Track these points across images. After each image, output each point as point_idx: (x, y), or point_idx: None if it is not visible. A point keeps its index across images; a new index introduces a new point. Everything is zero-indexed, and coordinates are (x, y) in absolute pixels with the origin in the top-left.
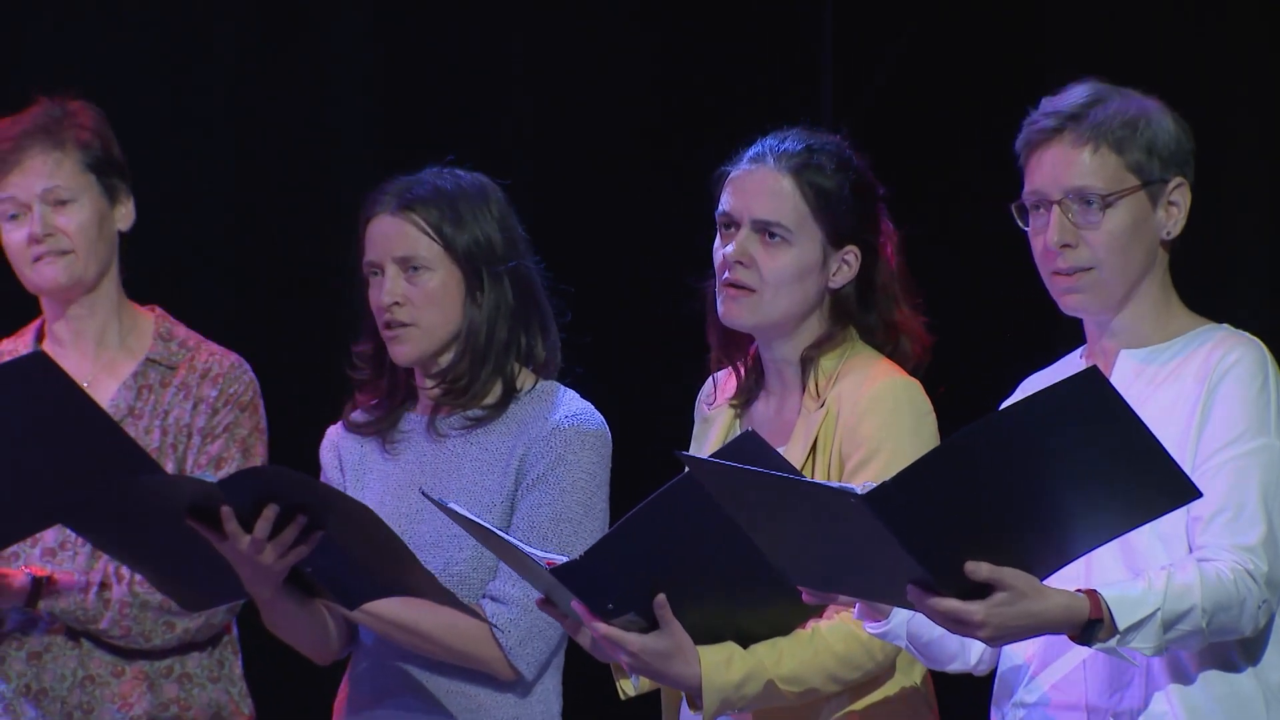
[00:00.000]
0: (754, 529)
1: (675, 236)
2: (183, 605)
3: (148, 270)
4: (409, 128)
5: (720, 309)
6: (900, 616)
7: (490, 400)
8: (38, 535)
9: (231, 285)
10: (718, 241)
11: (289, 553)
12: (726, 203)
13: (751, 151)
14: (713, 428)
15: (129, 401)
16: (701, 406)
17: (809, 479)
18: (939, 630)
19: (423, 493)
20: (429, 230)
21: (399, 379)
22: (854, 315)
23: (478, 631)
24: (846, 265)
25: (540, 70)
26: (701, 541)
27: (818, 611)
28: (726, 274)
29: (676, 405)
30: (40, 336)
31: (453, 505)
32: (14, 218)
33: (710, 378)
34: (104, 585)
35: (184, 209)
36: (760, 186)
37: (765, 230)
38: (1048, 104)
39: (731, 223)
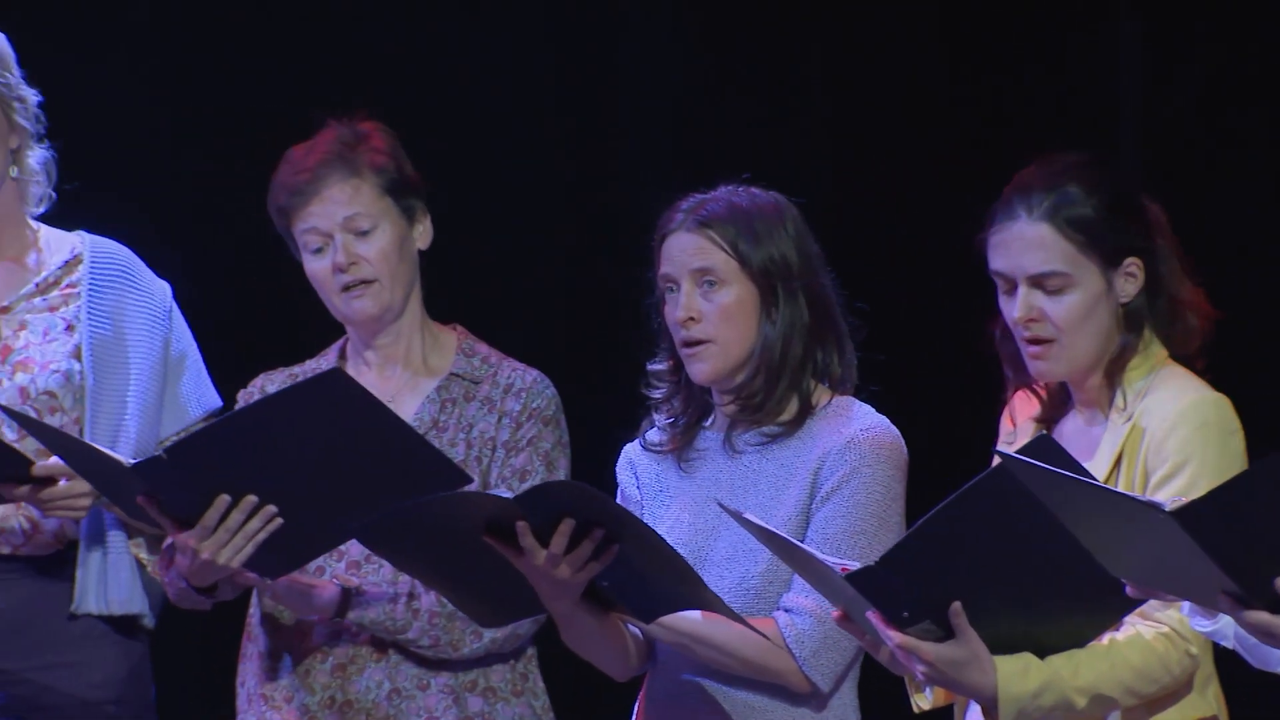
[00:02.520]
0: (1075, 527)
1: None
2: (480, 622)
3: (448, 288)
4: (704, 144)
5: (1029, 368)
6: (1228, 617)
7: (786, 416)
8: (343, 548)
9: (530, 303)
10: (1001, 301)
11: (585, 567)
12: (996, 263)
13: (1002, 209)
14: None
15: (433, 415)
16: (1006, 424)
17: (1117, 489)
18: None
19: (720, 504)
20: (725, 246)
21: (695, 396)
22: (1148, 319)
23: (772, 644)
24: (1131, 278)
25: (836, 86)
26: (998, 549)
27: (1113, 623)
28: (1023, 332)
29: (971, 422)
30: (342, 356)
31: (749, 516)
32: (318, 251)
33: (1006, 407)
34: (411, 595)
35: (482, 227)
36: (1023, 242)
37: (1042, 282)
38: None
39: (1008, 281)
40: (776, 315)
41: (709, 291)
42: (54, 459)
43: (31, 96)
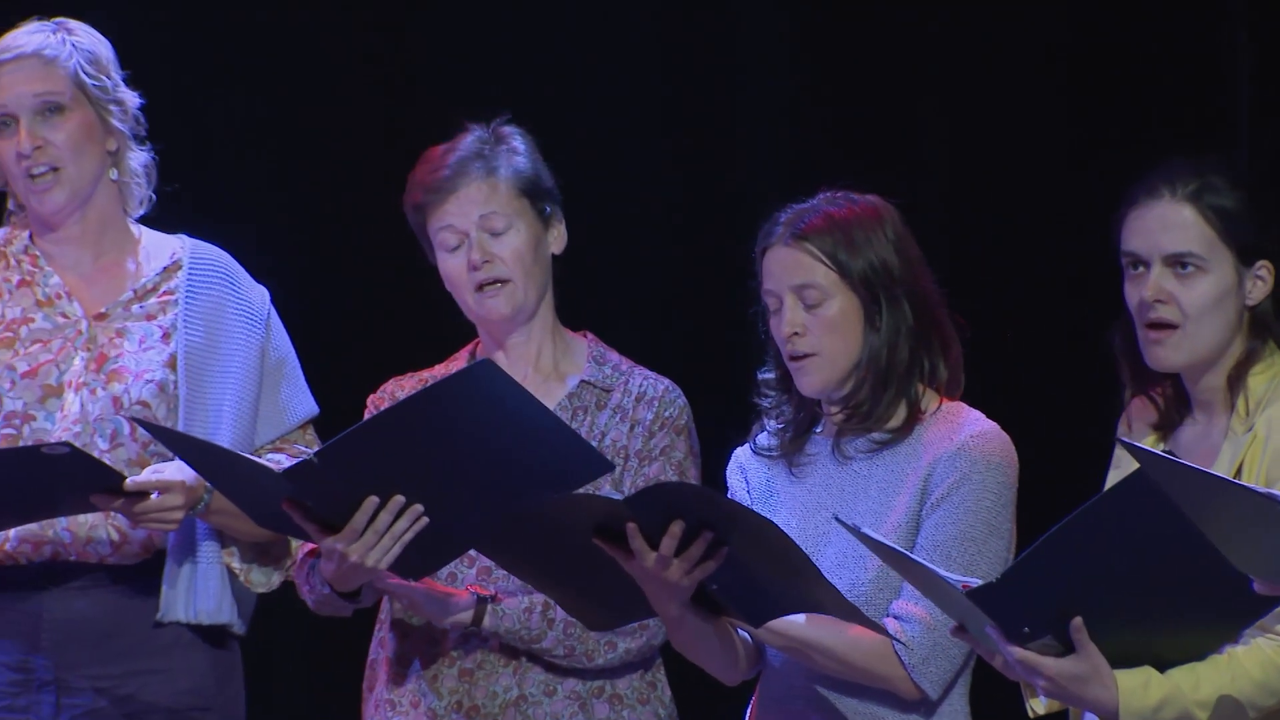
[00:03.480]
0: (1202, 522)
1: (1083, 257)
2: (589, 626)
3: (578, 295)
4: (815, 150)
5: (1147, 355)
6: None
7: (895, 423)
8: (474, 555)
9: (644, 306)
10: (1128, 285)
11: (695, 569)
12: (1131, 243)
13: (1145, 189)
14: (1127, 458)
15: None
16: (1123, 429)
17: (1240, 481)
18: None
19: (836, 518)
20: (824, 259)
21: (804, 404)
22: (1273, 329)
23: (881, 649)
24: (1261, 281)
25: (949, 90)
26: (1123, 562)
27: (1234, 635)
28: (1148, 314)
29: (1083, 428)
30: (473, 359)
31: (867, 531)
32: (454, 249)
33: (1123, 414)
34: (546, 605)
35: (610, 234)
36: (1163, 221)
37: (1177, 263)
38: None
39: (1139, 262)
40: (880, 322)
41: (811, 305)
42: (146, 473)
43: (131, 99)
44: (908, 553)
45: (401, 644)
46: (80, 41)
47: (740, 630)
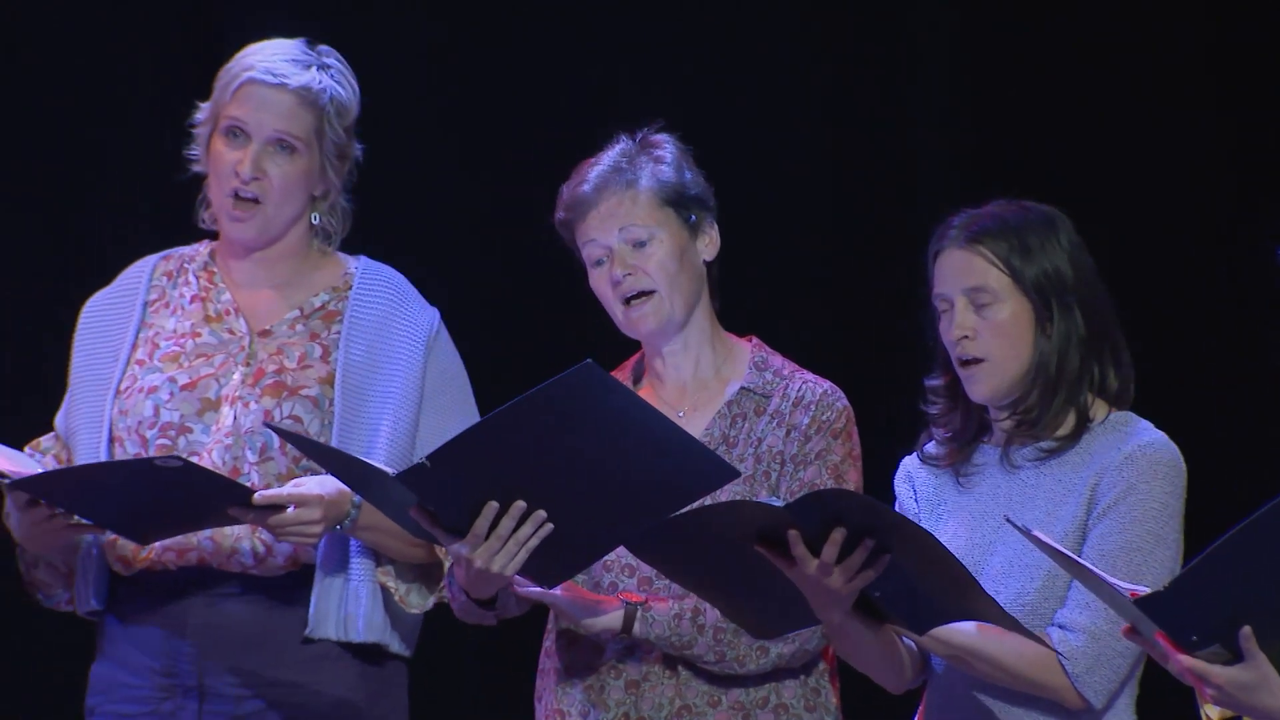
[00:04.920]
0: None
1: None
2: (753, 633)
3: (746, 299)
4: (989, 156)
5: None
6: None
7: (1063, 431)
8: (634, 564)
9: (826, 315)
10: None
11: (856, 577)
12: None
13: None
14: None
15: (723, 430)
16: None
17: None
18: None
19: (1008, 520)
20: (998, 262)
21: (972, 412)
22: None
23: (1045, 659)
24: None
25: (1120, 96)
26: None
27: None
28: None
29: (1252, 438)
30: (639, 370)
31: (1038, 534)
32: (599, 263)
33: None
34: (696, 611)
35: (778, 238)
36: None
37: None
38: None
39: None
40: (1052, 330)
41: (983, 309)
42: (285, 487)
43: (355, 152)
44: (1077, 557)
45: (568, 655)
46: (337, 89)
47: (905, 638)
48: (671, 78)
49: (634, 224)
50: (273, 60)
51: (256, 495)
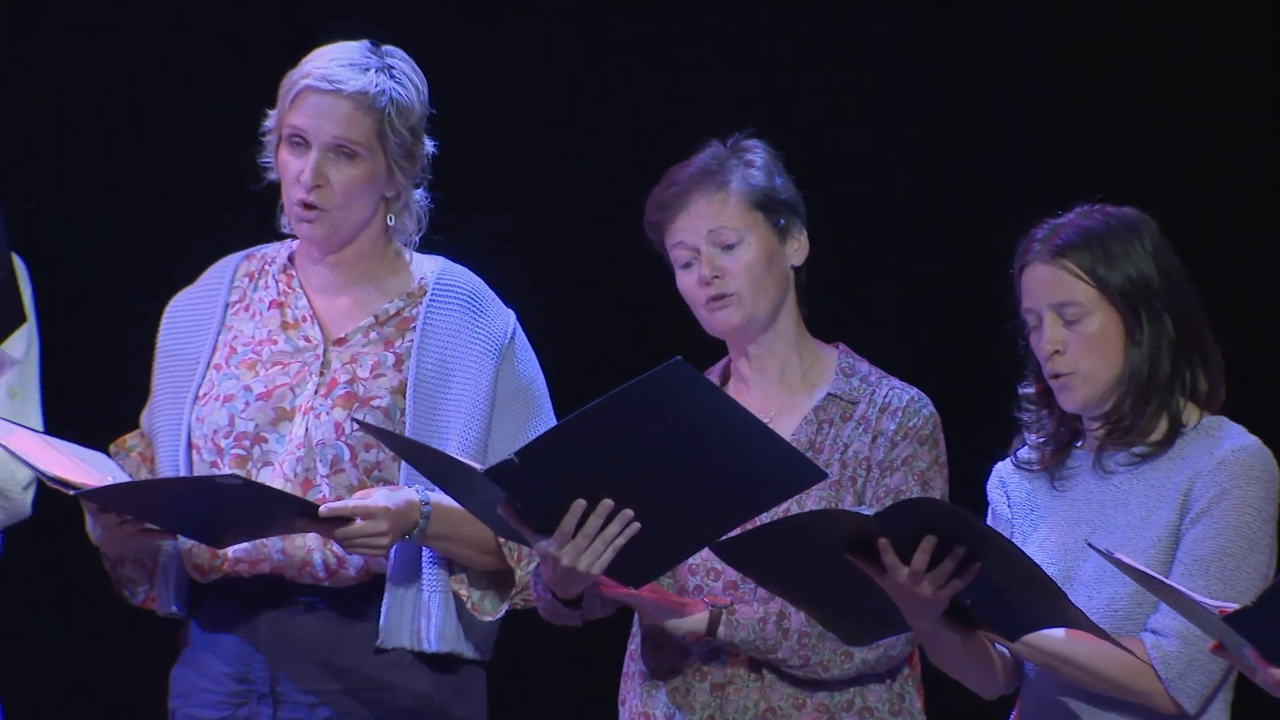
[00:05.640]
0: None
1: None
2: (845, 640)
3: (834, 307)
4: (1077, 158)
5: None
6: None
7: (1156, 436)
8: (719, 568)
9: (914, 321)
10: None
11: (947, 584)
12: None
13: None
14: None
15: (809, 436)
16: None
17: None
18: None
19: (1089, 544)
20: (1082, 275)
21: (1065, 418)
22: None
23: (1138, 664)
24: None
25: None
26: None
27: None
28: None
29: None
30: (726, 374)
31: (1120, 557)
32: (687, 265)
33: None
34: (781, 615)
35: (869, 244)
36: None
37: None
38: None
39: None
40: (1141, 337)
41: (1071, 323)
42: (352, 499)
43: (426, 151)
44: (1161, 577)
45: (652, 658)
46: (397, 90)
47: (997, 644)
48: (761, 82)
49: (723, 226)
50: (330, 66)
51: (322, 508)
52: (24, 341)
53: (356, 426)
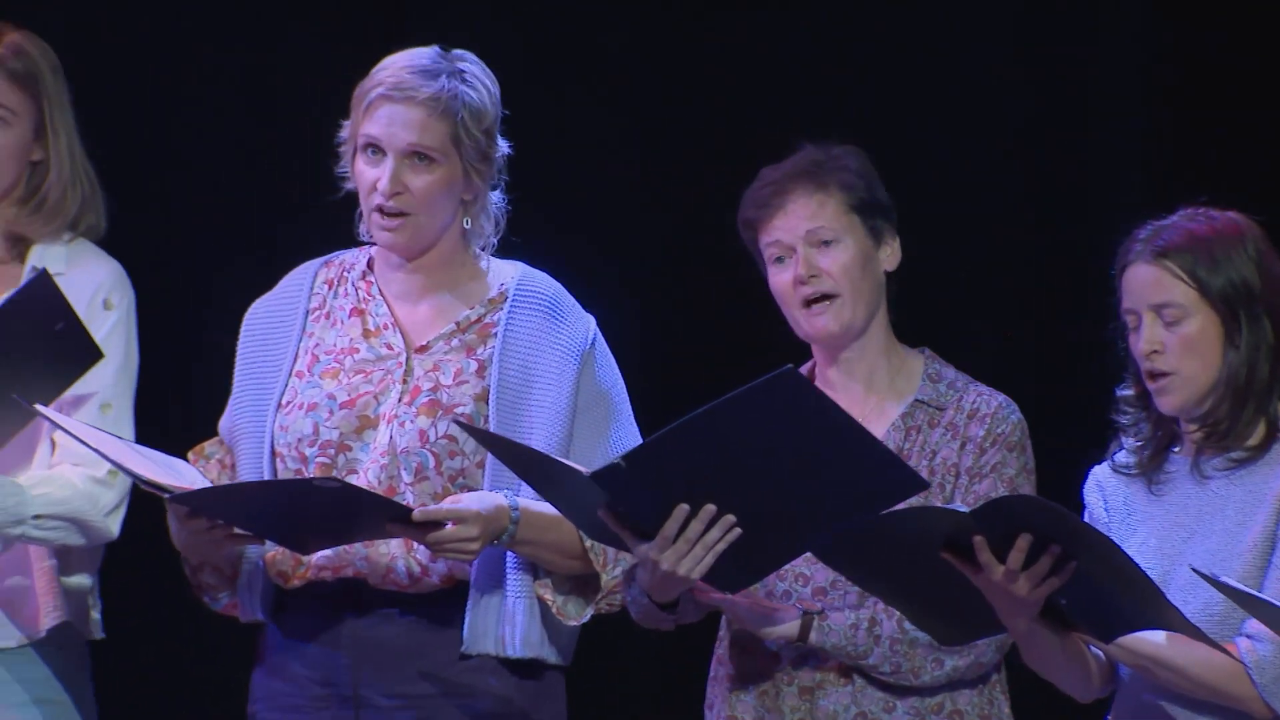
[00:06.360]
0: None
1: None
2: (939, 640)
3: (918, 311)
4: (1175, 160)
5: None
6: None
7: (1253, 441)
8: (809, 573)
9: (997, 327)
10: None
11: (1042, 584)
12: None
13: None
14: None
15: (897, 442)
16: None
17: None
18: None
19: (1193, 569)
20: (1184, 276)
21: (1163, 422)
22: None
23: (1232, 669)
24: None
25: None
26: None
27: None
28: None
29: None
30: (810, 378)
31: (1226, 580)
32: (779, 260)
33: None
34: (873, 621)
35: (953, 249)
36: None
37: None
38: None
39: None
40: (1240, 340)
41: (1171, 324)
42: (443, 503)
43: (500, 152)
44: (1259, 594)
45: (740, 661)
46: (469, 93)
47: (1092, 646)
48: (849, 84)
49: (821, 225)
50: (401, 74)
51: (415, 513)
52: (120, 353)
53: (452, 428)
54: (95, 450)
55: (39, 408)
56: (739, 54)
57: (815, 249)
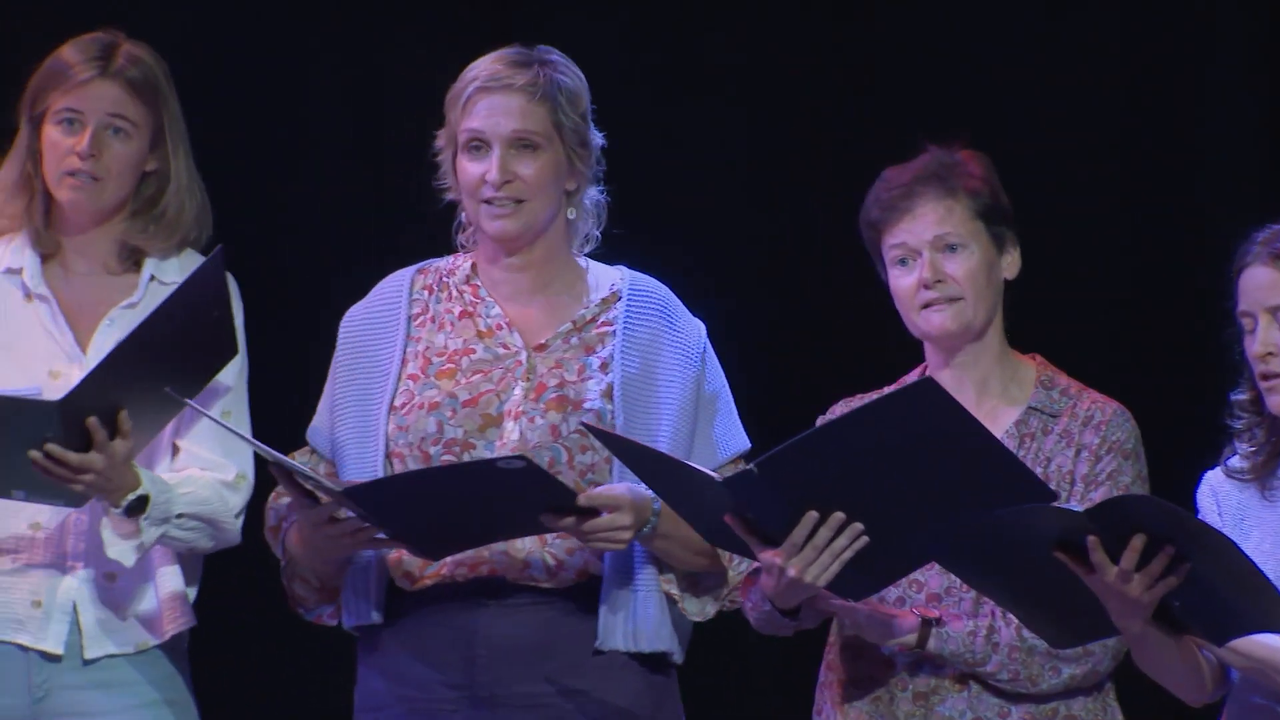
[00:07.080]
0: None
1: None
2: (1052, 643)
3: (1030, 318)
4: None
5: None
6: None
7: None
8: (923, 580)
9: (1109, 334)
10: None
11: (1156, 585)
12: None
13: None
14: None
15: (1011, 449)
16: None
17: None
18: None
19: None
20: None
21: (1277, 426)
22: None
23: None
24: None
25: None
26: None
27: None
28: None
29: None
30: None
31: None
32: (903, 263)
33: None
34: (990, 629)
35: (1065, 257)
36: None
37: None
38: None
39: None
40: None
41: None
42: (599, 490)
43: (597, 141)
44: None
45: (853, 666)
46: (562, 78)
47: (1204, 650)
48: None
49: (949, 231)
50: (493, 67)
51: (581, 497)
52: (237, 362)
53: (593, 427)
54: (258, 447)
55: (190, 402)
56: (846, 56)
57: (941, 254)
